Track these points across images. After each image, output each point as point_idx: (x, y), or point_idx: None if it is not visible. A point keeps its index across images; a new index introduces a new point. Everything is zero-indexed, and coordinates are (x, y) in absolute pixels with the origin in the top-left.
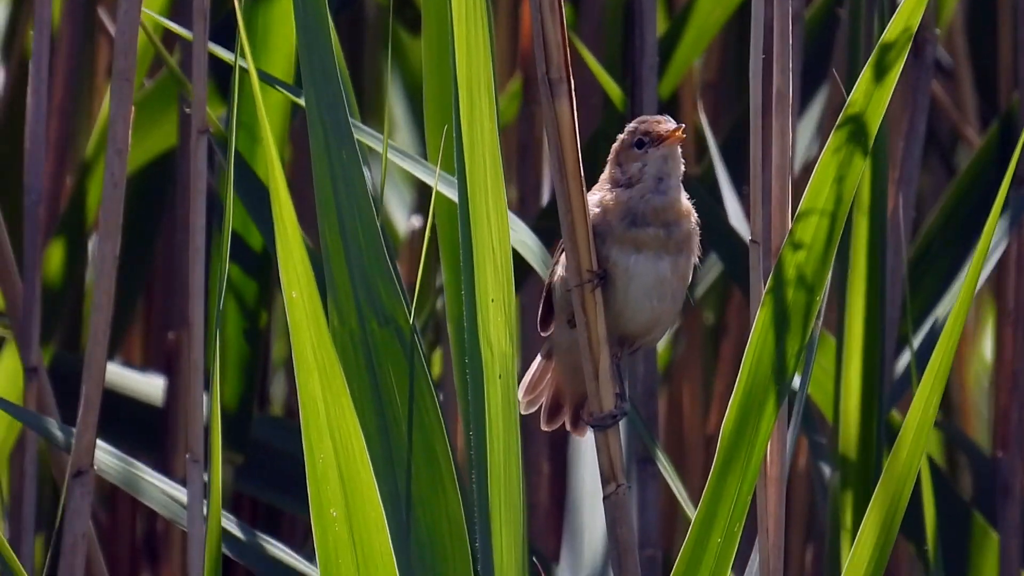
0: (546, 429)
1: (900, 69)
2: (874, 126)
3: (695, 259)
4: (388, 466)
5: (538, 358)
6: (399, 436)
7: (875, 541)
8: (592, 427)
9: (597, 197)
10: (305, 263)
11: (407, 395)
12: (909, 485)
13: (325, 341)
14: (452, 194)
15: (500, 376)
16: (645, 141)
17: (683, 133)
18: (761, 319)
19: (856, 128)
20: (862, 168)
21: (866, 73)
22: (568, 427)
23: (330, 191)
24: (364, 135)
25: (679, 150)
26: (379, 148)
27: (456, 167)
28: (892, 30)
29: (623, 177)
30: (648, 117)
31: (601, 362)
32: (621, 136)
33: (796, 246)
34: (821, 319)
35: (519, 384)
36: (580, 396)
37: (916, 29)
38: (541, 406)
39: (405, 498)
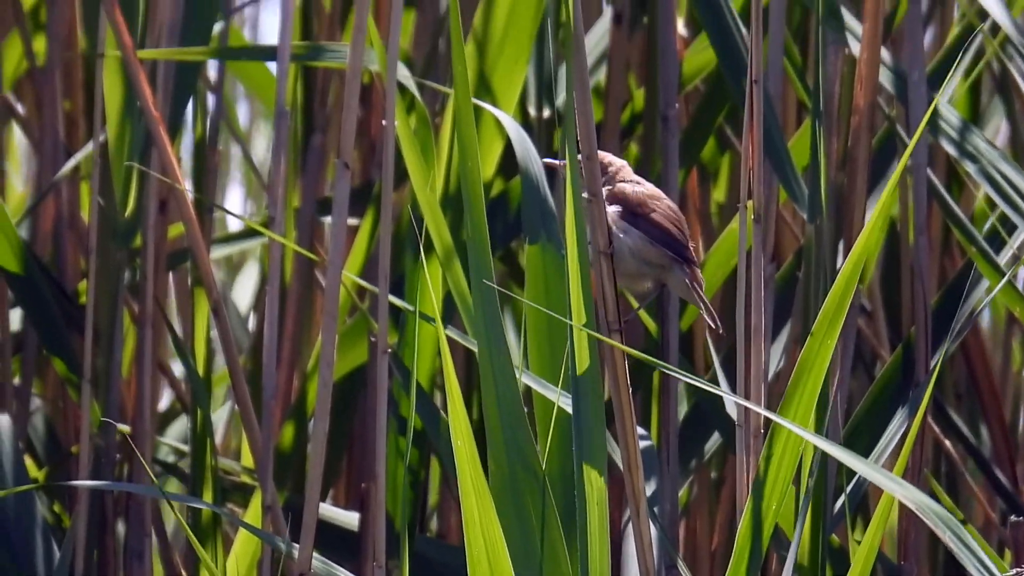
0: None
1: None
2: (827, 350)
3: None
4: (524, 554)
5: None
6: (534, 537)
7: None
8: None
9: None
10: (466, 425)
11: (540, 509)
12: None
13: (478, 472)
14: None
15: (597, 504)
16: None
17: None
18: (754, 485)
19: (815, 352)
20: (820, 375)
21: (821, 316)
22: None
23: (491, 382)
24: None
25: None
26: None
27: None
28: (835, 291)
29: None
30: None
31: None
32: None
33: (778, 430)
34: (813, 478)
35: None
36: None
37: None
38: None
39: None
